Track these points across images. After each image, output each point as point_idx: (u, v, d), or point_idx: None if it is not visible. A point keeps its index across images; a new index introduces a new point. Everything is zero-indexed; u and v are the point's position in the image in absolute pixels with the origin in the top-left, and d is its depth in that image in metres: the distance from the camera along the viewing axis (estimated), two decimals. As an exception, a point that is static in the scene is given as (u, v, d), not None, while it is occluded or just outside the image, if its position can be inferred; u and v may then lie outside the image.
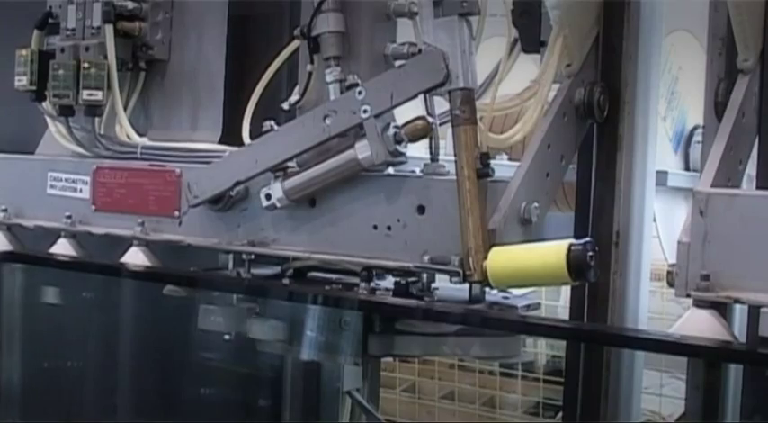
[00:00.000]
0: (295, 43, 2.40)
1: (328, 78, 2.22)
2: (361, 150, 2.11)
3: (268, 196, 2.23)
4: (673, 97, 2.55)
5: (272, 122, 2.27)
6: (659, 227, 2.44)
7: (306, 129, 2.18)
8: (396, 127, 2.11)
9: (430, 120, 2.11)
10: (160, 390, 3.15)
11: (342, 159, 2.15)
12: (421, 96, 2.12)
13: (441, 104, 2.13)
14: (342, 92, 2.19)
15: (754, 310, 1.90)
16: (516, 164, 2.11)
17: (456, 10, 2.03)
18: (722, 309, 1.88)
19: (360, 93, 2.10)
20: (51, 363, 3.21)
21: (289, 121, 2.36)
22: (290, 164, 2.24)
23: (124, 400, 3.16)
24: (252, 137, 2.43)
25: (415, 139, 2.11)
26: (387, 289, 2.17)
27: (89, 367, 3.21)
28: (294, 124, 2.24)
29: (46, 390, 3.18)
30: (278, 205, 2.23)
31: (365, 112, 2.09)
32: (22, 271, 3.06)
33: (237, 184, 2.30)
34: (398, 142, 2.10)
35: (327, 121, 2.14)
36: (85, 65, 2.60)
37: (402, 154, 2.13)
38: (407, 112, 2.22)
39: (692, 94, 2.57)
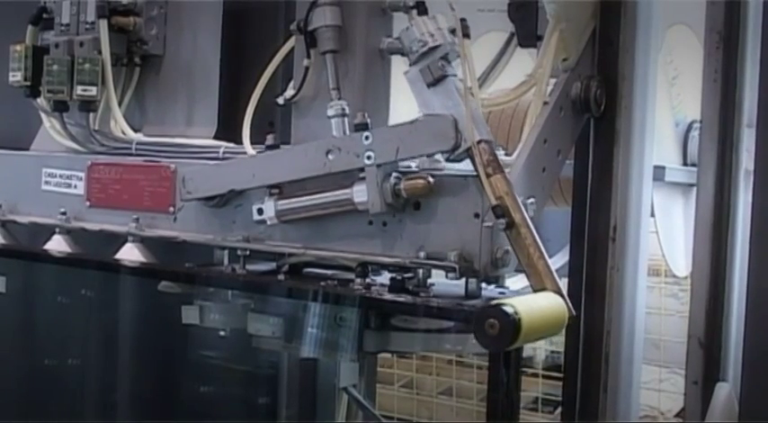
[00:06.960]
0: (292, 40, 2.38)
1: (330, 112, 2.18)
2: (358, 194, 2.09)
3: (260, 211, 2.22)
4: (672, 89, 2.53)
5: (274, 136, 2.25)
6: (657, 222, 2.43)
7: (307, 158, 2.16)
8: (397, 178, 2.07)
9: (431, 180, 2.05)
10: (154, 388, 3.14)
11: (338, 196, 2.13)
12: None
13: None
14: (344, 128, 2.16)
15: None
16: (513, 159, 2.09)
17: (440, 72, 2.01)
18: None
19: (367, 138, 2.07)
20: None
21: (285, 117, 2.35)
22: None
23: (123, 397, 3.16)
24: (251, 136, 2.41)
25: (413, 196, 2.06)
26: (382, 285, 2.16)
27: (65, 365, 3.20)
28: (296, 150, 2.21)
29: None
30: (268, 223, 2.22)
31: (369, 158, 2.07)
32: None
33: (231, 192, 2.30)
34: (397, 195, 2.07)
35: (330, 157, 2.12)
36: (80, 60, 2.59)
37: None
38: (404, 103, 2.22)
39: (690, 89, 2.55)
